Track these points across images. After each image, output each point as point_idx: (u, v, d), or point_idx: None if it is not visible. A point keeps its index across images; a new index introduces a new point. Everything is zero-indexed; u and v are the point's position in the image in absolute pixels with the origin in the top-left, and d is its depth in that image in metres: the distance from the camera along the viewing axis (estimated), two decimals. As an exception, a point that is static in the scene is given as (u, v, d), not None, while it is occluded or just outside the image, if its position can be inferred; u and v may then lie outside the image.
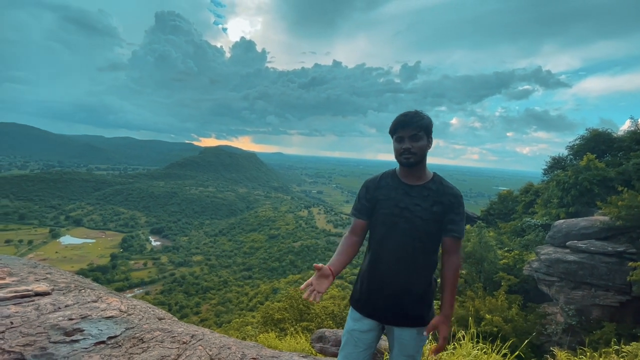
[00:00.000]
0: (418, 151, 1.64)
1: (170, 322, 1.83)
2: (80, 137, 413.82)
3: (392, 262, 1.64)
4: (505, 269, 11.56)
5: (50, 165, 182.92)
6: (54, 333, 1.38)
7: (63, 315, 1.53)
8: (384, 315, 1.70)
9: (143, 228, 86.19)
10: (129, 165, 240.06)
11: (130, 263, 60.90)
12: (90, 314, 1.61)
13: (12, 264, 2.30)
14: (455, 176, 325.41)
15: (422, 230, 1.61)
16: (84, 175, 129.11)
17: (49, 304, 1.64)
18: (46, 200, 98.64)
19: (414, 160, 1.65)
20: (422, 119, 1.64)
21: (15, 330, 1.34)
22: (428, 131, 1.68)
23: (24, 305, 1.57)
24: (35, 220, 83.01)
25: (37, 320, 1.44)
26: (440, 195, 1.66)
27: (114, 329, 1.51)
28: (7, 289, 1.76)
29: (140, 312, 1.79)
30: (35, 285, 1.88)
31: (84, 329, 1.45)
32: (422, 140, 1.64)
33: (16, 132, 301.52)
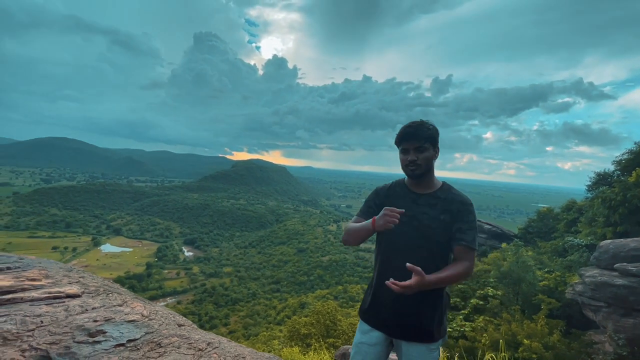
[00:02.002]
0: (423, 163, 1.64)
1: (189, 329, 1.86)
2: (122, 150, 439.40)
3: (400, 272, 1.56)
4: (545, 291, 10.84)
5: (95, 177, 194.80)
6: (78, 333, 1.44)
7: (89, 317, 1.60)
8: (392, 328, 1.65)
9: (177, 238, 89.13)
10: (166, 177, 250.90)
11: (164, 272, 62.94)
12: (114, 317, 1.67)
13: (50, 267, 2.45)
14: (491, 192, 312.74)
15: (430, 239, 1.59)
16: (124, 187, 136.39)
17: (77, 306, 1.72)
18: (90, 210, 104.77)
19: (420, 172, 1.66)
20: (428, 129, 1.64)
21: (44, 329, 1.41)
22: (434, 141, 1.67)
23: (55, 306, 1.66)
24: (79, 229, 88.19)
25: (64, 320, 1.52)
26: (448, 204, 1.63)
27: (134, 333, 1.56)
28: (41, 289, 1.87)
29: (161, 317, 1.84)
30: (67, 287, 1.98)
31: (106, 331, 1.51)
32: (427, 152, 1.64)
33: (66, 146, 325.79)
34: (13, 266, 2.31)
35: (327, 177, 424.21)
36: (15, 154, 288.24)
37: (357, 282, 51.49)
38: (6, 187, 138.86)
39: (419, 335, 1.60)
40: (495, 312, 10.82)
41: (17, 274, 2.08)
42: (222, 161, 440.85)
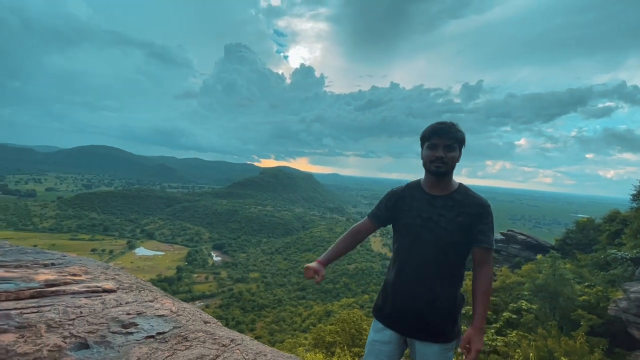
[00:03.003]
0: (450, 161, 1.63)
1: (214, 326, 1.94)
2: (156, 158, 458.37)
3: (416, 273, 1.62)
4: (585, 307, 10.20)
5: (131, 183, 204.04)
6: (113, 324, 1.54)
7: (123, 310, 1.71)
8: (406, 327, 1.66)
9: (206, 243, 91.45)
10: (197, 184, 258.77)
11: (193, 276, 64.63)
12: (145, 311, 1.78)
13: (89, 265, 2.63)
14: (526, 201, 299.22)
15: (446, 241, 1.58)
16: (157, 193, 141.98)
17: (112, 300, 1.84)
18: (126, 215, 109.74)
19: (445, 170, 1.64)
20: (459, 131, 1.66)
21: (83, 319, 1.52)
22: (461, 145, 1.68)
23: (93, 299, 1.78)
24: (116, 232, 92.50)
25: (101, 312, 1.63)
26: (466, 206, 1.61)
27: (163, 326, 1.65)
28: (82, 284, 2.01)
29: (188, 314, 1.93)
30: (104, 283, 2.12)
31: (138, 324, 1.60)
32: (455, 152, 1.64)
33: (106, 153, 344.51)
34: (57, 262, 2.51)
35: (354, 184, 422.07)
36: (60, 160, 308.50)
37: (383, 292, 50.60)
38: (52, 192, 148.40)
39: (433, 335, 1.60)
40: (530, 327, 10.30)
41: (60, 269, 2.26)
42: (250, 168, 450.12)
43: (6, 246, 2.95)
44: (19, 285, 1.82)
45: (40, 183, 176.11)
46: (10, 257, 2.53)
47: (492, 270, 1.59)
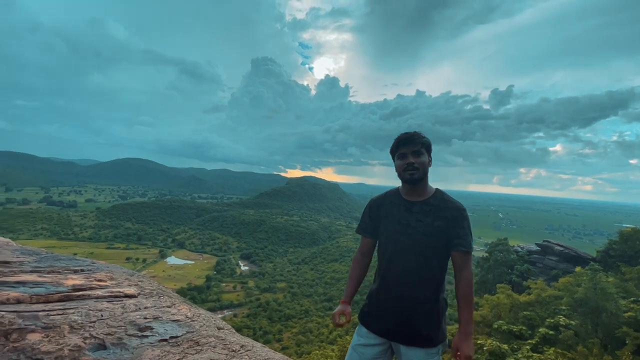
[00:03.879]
0: (421, 166, 1.70)
1: (226, 332, 1.99)
2: (187, 169, 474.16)
3: (398, 278, 1.68)
4: (631, 324, 9.51)
5: (163, 194, 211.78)
6: (130, 328, 1.63)
7: (140, 315, 1.79)
8: (390, 331, 1.70)
9: (234, 253, 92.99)
10: (225, 194, 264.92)
11: (222, 285, 65.72)
12: (162, 316, 1.86)
13: (115, 271, 2.77)
14: (564, 210, 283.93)
15: (424, 245, 1.63)
16: (188, 203, 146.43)
17: (132, 304, 1.93)
18: (158, 224, 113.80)
19: (418, 176, 1.70)
20: (424, 137, 1.74)
21: (103, 321, 1.62)
22: (429, 149, 1.75)
23: (114, 303, 1.89)
24: (149, 242, 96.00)
25: (120, 316, 1.72)
26: (442, 210, 1.66)
27: (177, 330, 1.72)
28: (106, 289, 2.14)
29: (202, 320, 2.00)
30: (126, 289, 2.23)
31: (153, 327, 1.68)
32: (423, 156, 1.71)
33: (140, 166, 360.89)
34: (86, 269, 2.67)
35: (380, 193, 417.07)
36: (99, 173, 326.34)
37: (412, 304, 49.25)
38: (91, 203, 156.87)
39: (417, 340, 1.63)
40: (569, 344, 9.71)
41: (88, 275, 2.40)
42: (276, 178, 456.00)
43: (42, 253, 3.18)
44: (48, 289, 1.96)
45: (80, 194, 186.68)
46: (45, 263, 2.72)
47: (471, 274, 1.62)
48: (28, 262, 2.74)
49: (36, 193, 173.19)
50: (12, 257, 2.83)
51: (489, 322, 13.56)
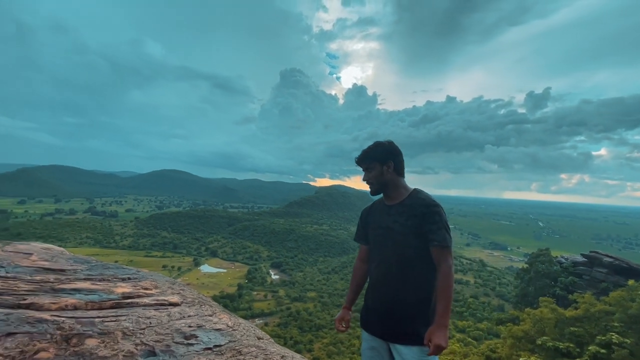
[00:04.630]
0: (373, 180, 1.85)
1: (266, 342, 2.02)
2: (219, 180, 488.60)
3: (383, 279, 1.77)
4: (695, 344, 8.65)
5: (197, 204, 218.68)
6: (177, 335, 1.70)
7: (185, 323, 1.87)
8: (382, 331, 1.77)
9: (265, 261, 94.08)
10: (256, 203, 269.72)
11: (253, 294, 66.51)
12: (205, 324, 1.92)
13: (159, 280, 2.90)
14: (613, 218, 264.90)
15: (403, 245, 1.71)
16: (220, 213, 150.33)
17: (177, 313, 2.01)
18: (192, 233, 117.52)
19: (374, 189, 1.87)
20: (371, 150, 1.85)
21: (152, 329, 1.70)
22: (380, 158, 1.84)
23: (160, 311, 1.98)
24: (183, 250, 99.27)
25: (167, 323, 1.80)
26: (413, 209, 1.72)
27: (220, 340, 1.77)
28: (152, 297, 2.24)
29: (243, 329, 2.05)
30: (170, 297, 2.33)
31: (198, 336, 1.74)
32: (375, 170, 1.84)
33: (176, 177, 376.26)
34: (132, 277, 2.81)
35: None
36: (138, 184, 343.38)
37: (447, 316, 47.55)
38: (130, 213, 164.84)
39: (409, 338, 1.66)
40: (622, 364, 8.96)
41: (135, 283, 2.53)
42: (305, 187, 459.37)
43: (93, 262, 3.39)
44: (101, 296, 2.09)
45: (121, 205, 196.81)
46: (96, 271, 2.90)
47: (449, 267, 1.63)
48: (81, 270, 2.94)
49: (82, 203, 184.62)
50: (67, 265, 3.05)
51: (531, 338, 12.81)
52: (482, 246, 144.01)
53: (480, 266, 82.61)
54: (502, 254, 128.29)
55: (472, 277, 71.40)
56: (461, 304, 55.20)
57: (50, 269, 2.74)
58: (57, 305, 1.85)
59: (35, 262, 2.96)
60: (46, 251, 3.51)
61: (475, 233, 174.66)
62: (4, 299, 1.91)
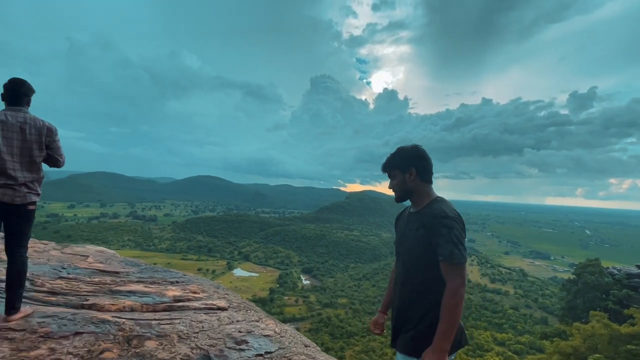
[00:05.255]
0: (396, 188, 1.81)
1: (313, 350, 2.00)
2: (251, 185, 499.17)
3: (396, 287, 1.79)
4: None
5: (230, 209, 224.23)
6: (228, 340, 1.72)
7: (235, 328, 1.89)
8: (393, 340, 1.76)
9: (296, 267, 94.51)
10: (287, 209, 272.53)
11: (284, 298, 66.88)
12: (253, 330, 1.93)
13: (204, 284, 2.98)
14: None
15: (411, 254, 1.68)
16: (252, 218, 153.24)
17: (226, 317, 2.04)
18: (226, 238, 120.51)
19: (398, 197, 1.83)
20: (393, 157, 1.83)
21: (204, 333, 1.73)
22: (400, 165, 1.80)
23: (210, 315, 2.01)
24: (217, 254, 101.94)
25: (218, 328, 1.83)
26: (423, 218, 1.67)
27: (270, 346, 1.77)
28: (200, 301, 2.30)
29: (290, 336, 2.04)
30: (217, 301, 2.38)
31: (248, 342, 1.75)
32: (396, 178, 1.81)
33: (211, 182, 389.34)
34: (180, 280, 2.91)
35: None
36: (175, 190, 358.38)
37: (485, 328, 45.44)
38: (168, 217, 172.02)
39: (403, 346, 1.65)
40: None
41: (183, 287, 2.62)
42: (336, 193, 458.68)
43: (142, 265, 3.56)
44: (155, 299, 2.17)
45: (160, 209, 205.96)
46: (146, 274, 3.03)
47: (456, 286, 1.51)
48: (132, 272, 3.08)
49: (124, 208, 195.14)
50: (119, 268, 3.22)
51: (581, 355, 11.95)
52: (522, 255, 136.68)
53: (521, 276, 78.39)
54: (545, 263, 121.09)
55: (512, 288, 67.85)
56: (500, 316, 52.56)
57: (105, 270, 2.91)
58: (116, 307, 1.94)
59: (91, 264, 3.15)
60: (100, 254, 3.73)
61: (514, 241, 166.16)
62: (69, 299, 2.03)
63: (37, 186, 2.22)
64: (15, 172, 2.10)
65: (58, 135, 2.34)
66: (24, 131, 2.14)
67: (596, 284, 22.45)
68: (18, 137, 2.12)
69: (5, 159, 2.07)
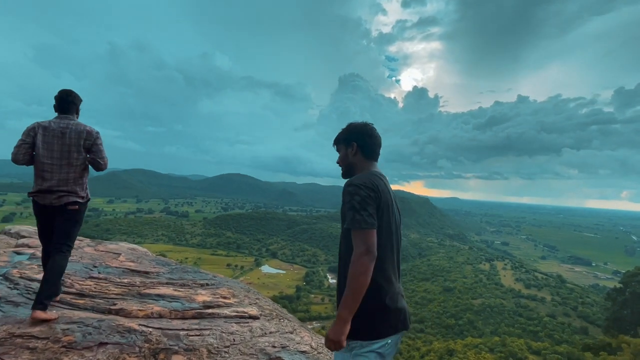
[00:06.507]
0: (340, 162, 1.75)
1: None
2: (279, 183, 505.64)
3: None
4: None
5: (259, 206, 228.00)
6: (262, 356, 1.55)
7: (268, 342, 1.72)
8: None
9: (322, 265, 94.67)
10: (314, 207, 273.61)
11: (311, 296, 67.14)
12: (288, 344, 1.76)
13: (234, 286, 2.84)
14: None
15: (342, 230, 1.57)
16: (280, 215, 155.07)
17: (258, 328, 1.88)
18: (254, 235, 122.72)
19: (342, 172, 1.76)
20: (340, 133, 1.74)
21: (236, 347, 1.57)
22: (344, 140, 1.71)
23: (242, 325, 1.86)
24: (246, 250, 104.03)
25: (250, 341, 1.66)
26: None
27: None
28: (231, 308, 2.15)
29: (327, 352, 1.85)
30: (249, 308, 2.22)
31: (283, 358, 1.57)
32: (340, 152, 1.74)
33: (240, 180, 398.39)
34: (210, 283, 2.79)
35: (477, 209, 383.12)
36: (206, 187, 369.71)
37: (518, 335, 43.42)
38: (199, 214, 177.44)
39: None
40: None
41: (213, 291, 2.49)
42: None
43: (173, 264, 3.50)
44: (184, 305, 2.05)
45: (191, 206, 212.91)
46: (176, 275, 2.94)
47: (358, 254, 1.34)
48: (162, 272, 3.01)
49: (158, 204, 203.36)
50: (150, 267, 3.16)
51: (632, 372, 11.02)
52: (560, 260, 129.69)
53: (559, 282, 74.34)
54: (585, 269, 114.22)
55: (549, 294, 64.40)
56: (535, 323, 50.10)
57: (136, 270, 2.85)
58: (144, 313, 1.83)
59: (123, 263, 3.11)
60: (132, 251, 3.72)
61: (552, 245, 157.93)
62: (97, 303, 1.95)
63: (77, 188, 2.30)
64: (53, 175, 2.21)
65: (100, 139, 2.45)
66: (65, 135, 2.26)
67: (647, 294, 20.82)
68: (58, 141, 2.24)
69: (43, 162, 2.20)
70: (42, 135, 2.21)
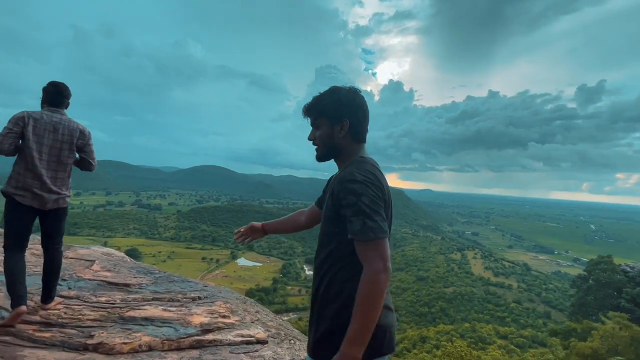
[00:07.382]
0: (319, 142, 1.28)
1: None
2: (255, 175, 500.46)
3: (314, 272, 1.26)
4: None
5: (234, 199, 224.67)
6: (284, 402, 1.28)
7: (287, 377, 1.41)
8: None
9: (299, 257, 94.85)
10: (291, 199, 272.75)
11: (287, 288, 67.19)
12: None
13: (229, 298, 2.51)
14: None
15: (323, 230, 1.23)
16: (256, 208, 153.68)
17: (271, 358, 1.57)
18: (230, 227, 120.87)
19: (320, 154, 1.29)
20: (321, 100, 1.26)
21: (250, 390, 1.30)
22: (329, 114, 1.24)
23: (251, 356, 1.54)
24: (221, 243, 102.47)
25: (265, 379, 1.35)
26: (333, 184, 1.21)
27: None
28: (234, 330, 1.82)
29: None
30: (253, 329, 1.91)
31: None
32: (321, 128, 1.26)
33: (214, 172, 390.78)
34: (202, 295, 2.43)
35: (449, 200, 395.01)
36: (180, 179, 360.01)
37: (487, 321, 45.34)
38: (173, 206, 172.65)
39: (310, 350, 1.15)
40: None
41: (209, 308, 2.15)
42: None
43: (156, 272, 3.08)
44: (178, 331, 1.70)
45: (164, 198, 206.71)
46: (161, 286, 2.56)
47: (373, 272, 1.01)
48: (145, 284, 2.62)
49: (129, 196, 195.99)
50: (130, 278, 2.75)
51: (601, 357, 11.55)
52: (525, 249, 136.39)
53: (524, 270, 78.20)
54: (549, 257, 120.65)
55: (515, 281, 67.69)
56: (503, 309, 52.58)
57: (114, 282, 2.45)
58: (130, 346, 1.48)
59: (97, 273, 2.69)
60: (107, 257, 3.26)
61: (518, 235, 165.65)
62: (68, 335, 1.55)
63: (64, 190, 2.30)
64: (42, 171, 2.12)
65: (92, 140, 2.44)
66: (57, 130, 2.19)
67: (608, 281, 22.00)
68: (49, 135, 2.16)
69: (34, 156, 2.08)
70: (33, 127, 2.09)
